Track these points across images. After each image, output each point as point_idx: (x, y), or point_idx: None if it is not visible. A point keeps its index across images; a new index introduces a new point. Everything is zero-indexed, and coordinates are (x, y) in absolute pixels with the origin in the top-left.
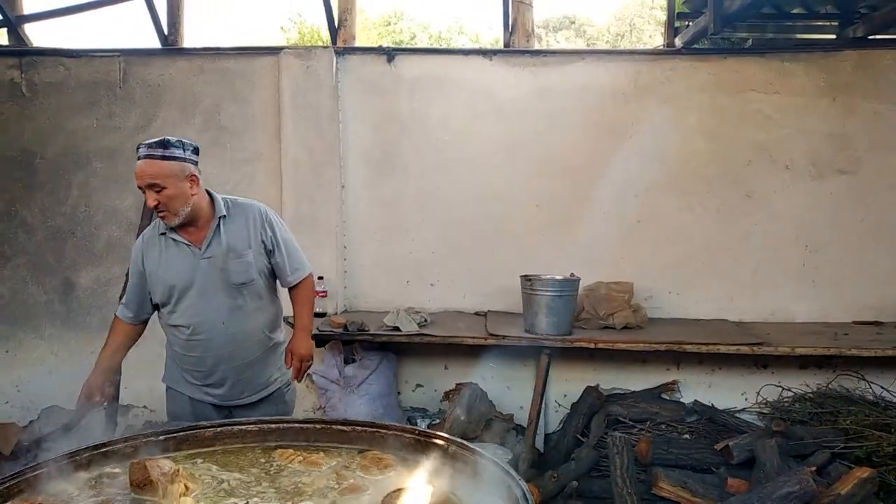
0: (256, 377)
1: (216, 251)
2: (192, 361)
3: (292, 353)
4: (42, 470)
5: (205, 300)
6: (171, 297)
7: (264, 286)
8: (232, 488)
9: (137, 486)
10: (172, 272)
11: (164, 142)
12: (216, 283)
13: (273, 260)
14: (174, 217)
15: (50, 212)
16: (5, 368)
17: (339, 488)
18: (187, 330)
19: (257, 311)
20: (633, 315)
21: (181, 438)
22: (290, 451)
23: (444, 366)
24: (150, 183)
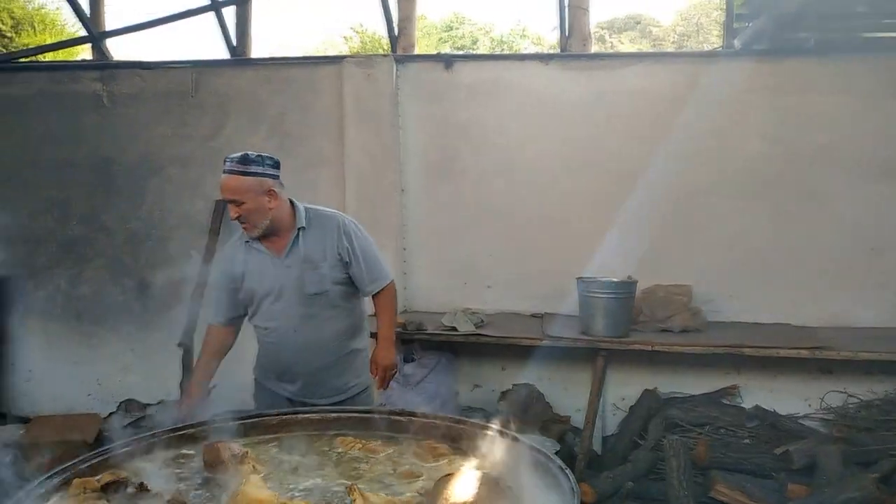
0: (330, 381)
1: (293, 261)
2: (269, 358)
3: (376, 363)
4: (126, 448)
5: (279, 307)
6: (253, 301)
7: (340, 296)
8: (295, 470)
9: (210, 466)
10: (254, 279)
11: (244, 158)
12: (291, 291)
13: (351, 271)
14: (254, 229)
15: (127, 216)
16: (89, 364)
17: (394, 473)
18: (264, 331)
19: (330, 321)
20: (691, 318)
21: (249, 425)
22: (349, 438)
23: (501, 367)
24: (231, 198)
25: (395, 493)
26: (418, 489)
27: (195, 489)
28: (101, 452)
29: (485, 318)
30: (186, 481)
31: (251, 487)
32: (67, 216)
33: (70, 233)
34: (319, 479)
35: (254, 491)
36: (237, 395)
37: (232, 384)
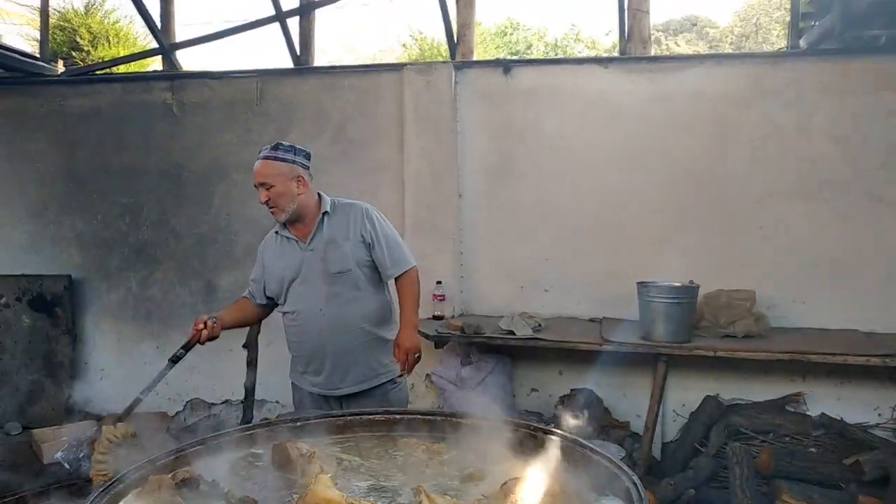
0: (354, 367)
1: (318, 243)
2: (295, 346)
3: (398, 346)
4: (196, 447)
5: (306, 287)
6: (282, 287)
7: (363, 278)
8: (360, 470)
9: (279, 466)
10: (283, 265)
11: (276, 145)
12: (316, 271)
13: (374, 254)
14: (281, 213)
15: (195, 220)
16: (157, 363)
17: (460, 475)
18: (291, 315)
19: (354, 302)
20: (754, 323)
21: (314, 425)
22: (413, 440)
23: (559, 371)
24: (261, 181)
25: (460, 494)
26: (482, 492)
27: (264, 488)
28: (176, 451)
29: (542, 322)
30: (255, 480)
31: (320, 487)
32: (139, 221)
33: (141, 237)
34: (384, 481)
35: (323, 490)
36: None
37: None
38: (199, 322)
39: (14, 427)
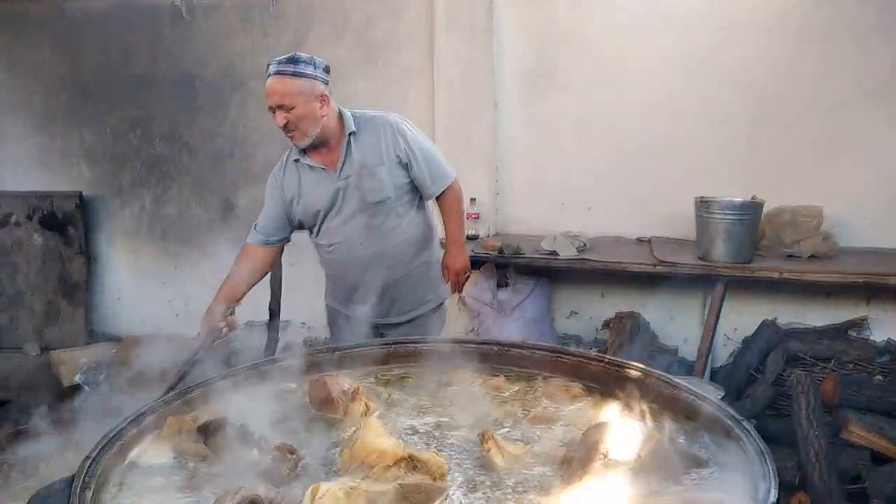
0: (404, 296)
1: (350, 171)
2: (335, 279)
3: (447, 267)
4: (218, 382)
5: (343, 220)
6: (316, 220)
7: (403, 202)
8: (411, 410)
9: (317, 404)
10: (313, 198)
11: (294, 58)
12: (352, 203)
13: (411, 173)
14: (304, 137)
15: (210, 133)
16: (176, 284)
17: (526, 416)
18: (327, 248)
19: (395, 230)
20: (822, 243)
21: (353, 356)
22: (467, 372)
23: (601, 294)
24: (279, 102)
25: (532, 441)
26: (560, 439)
27: (302, 431)
28: (197, 385)
29: (587, 242)
30: (290, 422)
31: (371, 434)
32: (150, 134)
33: (153, 151)
34: (441, 423)
35: (374, 439)
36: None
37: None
38: (219, 325)
39: (32, 348)
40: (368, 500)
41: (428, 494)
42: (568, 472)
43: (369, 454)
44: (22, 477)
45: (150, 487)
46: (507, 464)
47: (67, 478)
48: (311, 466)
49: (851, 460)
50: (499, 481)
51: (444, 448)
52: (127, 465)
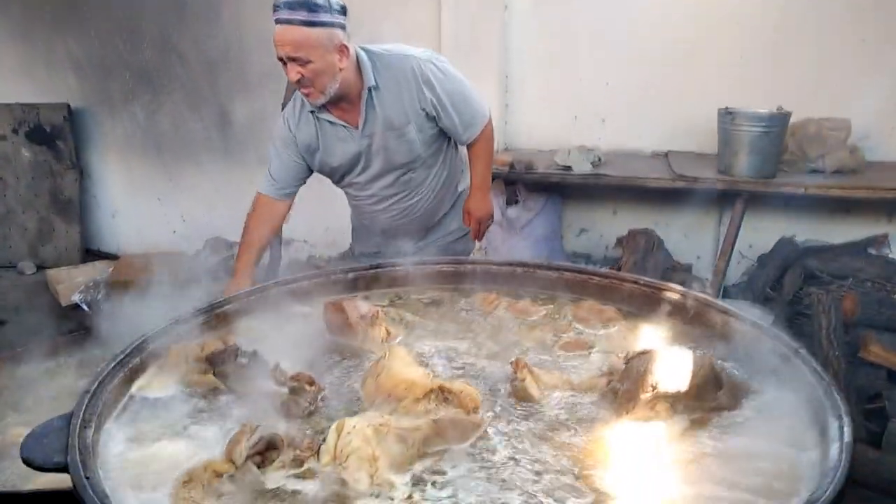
0: (434, 234)
1: (374, 128)
2: (364, 224)
3: (469, 212)
4: (229, 306)
5: (366, 179)
6: (335, 175)
7: (433, 152)
8: (435, 335)
9: (335, 330)
10: (334, 156)
11: (308, 3)
12: (378, 163)
13: (441, 123)
14: (320, 95)
15: (202, 40)
16: (172, 199)
17: (559, 342)
18: (352, 198)
19: (427, 183)
20: (848, 157)
21: (370, 277)
22: (492, 295)
23: (613, 210)
24: (292, 55)
25: (569, 369)
26: (598, 367)
27: (318, 359)
28: (202, 311)
29: (601, 156)
30: (305, 349)
31: (398, 363)
32: (138, 41)
33: (143, 60)
34: (467, 348)
35: (402, 369)
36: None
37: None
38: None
39: (28, 266)
40: (399, 437)
41: (463, 430)
42: (614, 405)
43: (397, 386)
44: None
45: (156, 423)
46: (544, 395)
47: (65, 414)
48: (332, 399)
49: (870, 379)
50: (536, 414)
51: (473, 378)
52: (130, 399)
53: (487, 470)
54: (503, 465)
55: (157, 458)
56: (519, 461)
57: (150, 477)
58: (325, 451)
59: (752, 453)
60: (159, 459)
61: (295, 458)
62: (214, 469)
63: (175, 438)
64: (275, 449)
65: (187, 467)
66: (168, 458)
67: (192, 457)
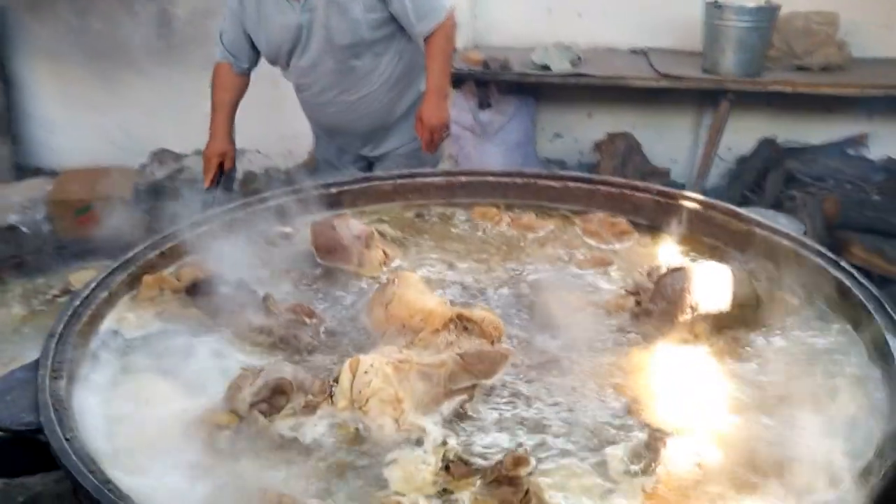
0: (393, 134)
1: (316, 2)
2: (315, 119)
3: (421, 120)
4: (204, 228)
5: (308, 62)
6: (278, 57)
7: (383, 40)
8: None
9: (325, 253)
10: (273, 31)
11: None
12: (320, 44)
13: (391, 8)
14: None
15: None
16: (109, 109)
17: (571, 260)
18: (298, 89)
19: (375, 73)
20: (836, 53)
21: (357, 191)
22: (492, 210)
23: (588, 113)
24: None
25: (589, 289)
26: (620, 285)
27: (310, 286)
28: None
29: (580, 54)
30: (294, 275)
31: (411, 291)
32: None
33: None
34: (475, 268)
35: (416, 296)
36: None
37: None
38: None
39: None
40: (422, 375)
41: (491, 363)
42: (648, 327)
43: (412, 316)
44: None
45: (139, 367)
46: (569, 319)
47: (30, 364)
48: (336, 332)
49: None
50: (563, 340)
51: (488, 302)
52: (104, 340)
53: (523, 407)
54: (538, 400)
55: (145, 411)
56: (555, 395)
57: (141, 434)
58: (341, 394)
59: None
60: (148, 412)
61: (307, 403)
62: (216, 421)
63: (163, 385)
64: (282, 394)
65: (183, 420)
66: (158, 409)
67: (186, 408)
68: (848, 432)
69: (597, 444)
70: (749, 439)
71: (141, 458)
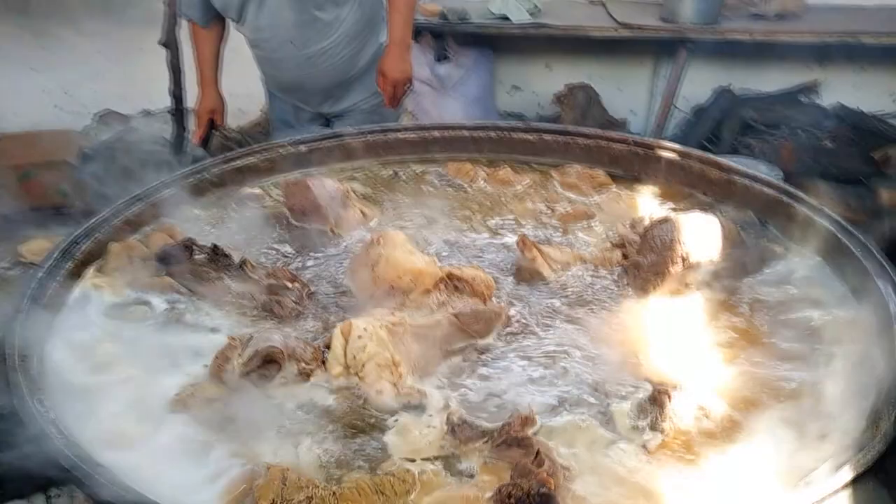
0: (351, 91)
1: None
2: (272, 75)
3: (383, 74)
4: (167, 191)
5: (267, 13)
6: (231, 7)
7: None
8: (412, 216)
9: (299, 213)
10: None
11: None
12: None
13: None
14: None
15: None
16: (47, 70)
17: (554, 214)
18: (254, 43)
19: (336, 25)
20: (791, 0)
21: (326, 149)
22: (467, 165)
23: (546, 64)
24: None
25: (573, 242)
26: (605, 238)
27: (288, 249)
28: (133, 200)
29: (538, 4)
30: (268, 238)
31: (398, 252)
32: None
33: None
34: (458, 227)
35: (404, 257)
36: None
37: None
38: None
39: None
40: (418, 337)
41: (487, 322)
42: (638, 281)
43: (401, 276)
44: None
45: (117, 341)
46: (557, 273)
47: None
48: (321, 296)
49: None
50: (556, 296)
51: (476, 260)
52: (71, 311)
53: (520, 365)
54: (535, 359)
55: (126, 389)
56: (551, 353)
57: (123, 409)
58: (334, 361)
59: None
60: (130, 389)
61: (300, 371)
62: (204, 394)
63: (143, 360)
64: (273, 363)
65: (170, 397)
66: (141, 386)
67: (170, 380)
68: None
69: (601, 400)
70: (751, 387)
71: (127, 435)
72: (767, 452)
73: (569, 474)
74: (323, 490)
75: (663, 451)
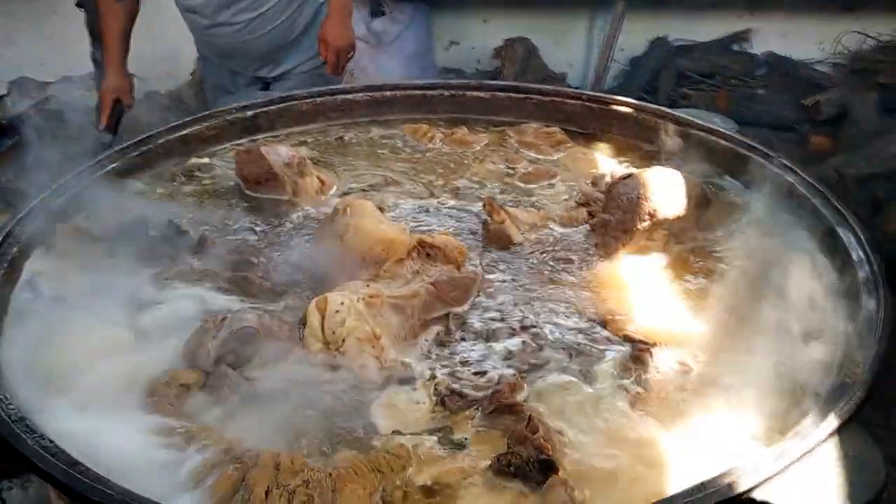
0: (290, 54)
1: None
2: (205, 42)
3: (325, 41)
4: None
5: None
6: None
7: None
8: (372, 181)
9: (254, 183)
10: None
11: None
12: None
13: None
14: None
15: None
16: None
17: (516, 174)
18: (189, 14)
19: None
20: None
21: (274, 114)
22: (423, 126)
23: (483, 19)
24: None
25: (539, 201)
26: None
27: (245, 222)
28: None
29: None
30: (223, 210)
31: (367, 220)
32: None
33: None
34: (419, 192)
35: (374, 226)
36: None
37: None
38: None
39: None
40: (396, 308)
41: (464, 289)
42: (606, 238)
43: (371, 246)
44: None
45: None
46: (526, 235)
47: None
48: (286, 270)
49: None
50: (528, 257)
51: (444, 226)
52: (21, 296)
53: (502, 331)
54: (515, 323)
55: (94, 377)
56: (530, 316)
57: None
58: (312, 336)
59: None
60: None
61: (278, 350)
62: (179, 380)
63: (104, 342)
64: (249, 343)
65: (143, 382)
66: (103, 368)
67: (136, 366)
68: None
69: (583, 361)
70: (729, 343)
71: (94, 424)
72: (753, 402)
73: (562, 438)
74: (318, 473)
75: (650, 407)
